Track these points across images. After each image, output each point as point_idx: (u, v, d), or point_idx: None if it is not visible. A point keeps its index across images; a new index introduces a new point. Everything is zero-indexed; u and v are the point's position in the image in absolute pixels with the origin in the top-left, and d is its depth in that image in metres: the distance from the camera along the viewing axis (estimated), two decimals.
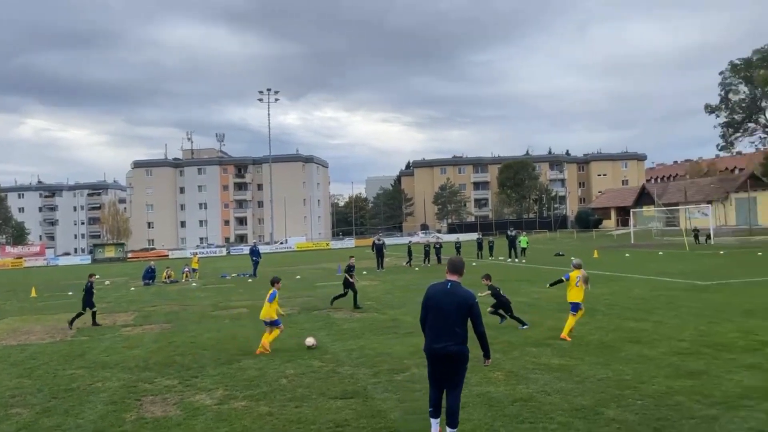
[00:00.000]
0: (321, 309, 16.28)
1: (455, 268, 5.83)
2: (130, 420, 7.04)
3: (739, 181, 63.75)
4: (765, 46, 62.37)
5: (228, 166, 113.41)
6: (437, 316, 5.66)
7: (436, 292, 5.77)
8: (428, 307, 5.77)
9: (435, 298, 5.74)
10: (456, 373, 5.69)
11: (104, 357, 10.94)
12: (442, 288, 5.76)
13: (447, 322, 5.59)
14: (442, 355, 5.63)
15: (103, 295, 22.90)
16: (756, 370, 7.87)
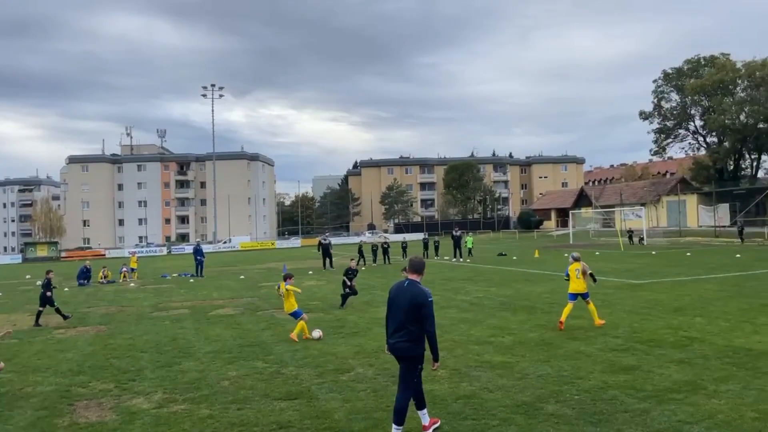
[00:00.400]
0: (265, 309, 16.05)
1: (414, 267, 6.03)
2: (63, 426, 6.74)
3: (670, 184, 66.94)
4: (695, 57, 65.77)
5: (169, 162, 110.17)
6: (393, 312, 5.90)
7: (394, 289, 6.02)
8: (388, 304, 6.03)
9: (392, 295, 5.99)
10: (406, 371, 5.80)
11: (36, 360, 10.42)
12: (399, 286, 5.97)
13: (400, 318, 5.78)
14: (394, 351, 5.85)
15: (34, 296, 21.81)
16: (684, 364, 8.27)
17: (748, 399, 6.62)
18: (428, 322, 5.72)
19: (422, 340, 5.77)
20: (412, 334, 5.72)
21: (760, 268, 22.02)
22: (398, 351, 5.80)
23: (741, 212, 49.16)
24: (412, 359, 5.79)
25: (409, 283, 5.89)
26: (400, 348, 5.76)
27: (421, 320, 5.70)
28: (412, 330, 5.72)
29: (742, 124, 58.75)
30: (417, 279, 5.95)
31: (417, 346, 5.74)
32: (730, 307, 13.00)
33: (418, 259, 6.21)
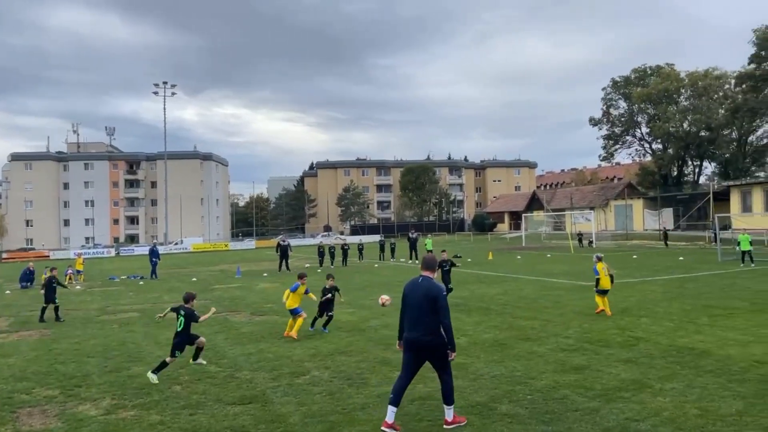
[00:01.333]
0: (219, 312, 15.73)
1: (427, 264, 6.46)
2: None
3: (618, 189, 69.13)
4: (642, 66, 68.21)
5: (118, 161, 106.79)
6: (410, 308, 6.23)
7: (408, 286, 6.40)
8: (403, 300, 6.36)
9: (406, 291, 6.37)
10: (439, 359, 6.20)
11: None
12: (414, 282, 6.37)
13: (417, 313, 6.14)
14: (416, 345, 6.16)
15: None
16: (631, 364, 8.56)
17: (692, 396, 6.90)
18: (443, 313, 6.10)
19: (440, 331, 6.10)
20: (429, 327, 6.07)
21: (701, 270, 22.99)
22: (420, 344, 6.12)
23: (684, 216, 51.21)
24: (437, 349, 6.13)
25: (422, 279, 6.30)
26: (426, 342, 6.09)
27: (436, 313, 6.05)
28: (428, 322, 6.08)
29: (685, 131, 61.23)
30: (430, 275, 6.35)
31: (438, 337, 6.09)
32: (674, 308, 13.53)
33: (430, 257, 6.57)
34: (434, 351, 6.13)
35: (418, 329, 6.10)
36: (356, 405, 7.08)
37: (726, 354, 8.92)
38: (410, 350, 6.20)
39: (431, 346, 6.10)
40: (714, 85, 60.89)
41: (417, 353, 6.18)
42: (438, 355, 6.15)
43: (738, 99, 55.90)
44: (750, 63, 52.62)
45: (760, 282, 18.42)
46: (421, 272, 6.39)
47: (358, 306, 15.92)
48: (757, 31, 50.89)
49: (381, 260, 36.42)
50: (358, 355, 9.80)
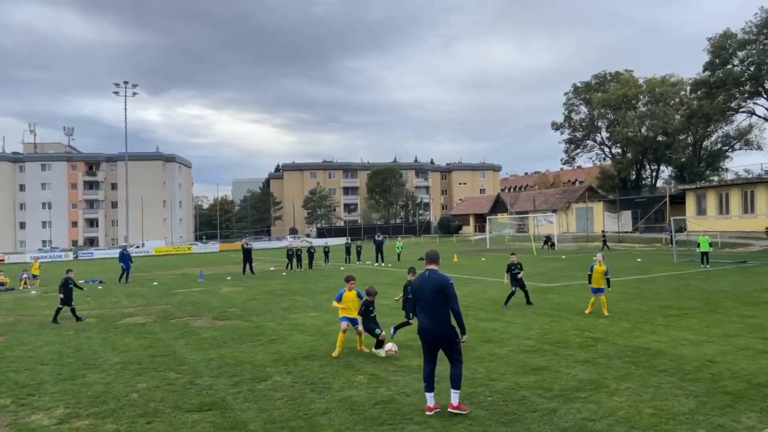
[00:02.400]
0: (179, 317, 15.47)
1: (431, 258, 6.97)
2: None
3: (579, 192, 70.61)
4: (602, 72, 69.83)
5: (77, 162, 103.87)
6: (422, 301, 6.71)
7: (417, 281, 6.91)
8: (414, 295, 6.85)
9: (416, 286, 6.85)
10: (451, 349, 6.68)
11: None
12: (422, 276, 6.85)
13: (429, 305, 6.63)
14: (432, 335, 6.65)
15: None
16: (589, 364, 8.74)
17: (646, 396, 7.08)
18: (452, 300, 6.64)
19: (450, 321, 6.63)
20: (441, 318, 6.60)
21: (657, 271, 23.63)
22: (433, 334, 6.63)
23: (642, 219, 52.58)
24: (448, 338, 6.65)
25: (429, 272, 6.80)
26: (440, 332, 6.61)
27: (446, 302, 6.59)
28: (440, 313, 6.60)
29: (643, 136, 62.91)
30: (435, 267, 6.84)
31: (448, 327, 6.63)
32: (631, 309, 13.87)
33: (433, 251, 7.11)
34: (446, 340, 6.66)
35: (431, 321, 6.60)
36: (318, 410, 7.04)
37: (679, 354, 9.18)
38: (427, 340, 6.74)
39: (443, 336, 6.63)
40: (670, 92, 62.75)
41: (433, 342, 6.70)
42: (449, 343, 6.68)
43: (693, 105, 57.69)
44: (704, 70, 54.36)
45: (712, 283, 19.04)
46: (426, 266, 6.85)
47: (322, 309, 15.84)
48: (712, 39, 52.63)
49: (347, 263, 36.34)
50: (322, 360, 9.76)
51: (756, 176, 50.05)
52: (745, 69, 51.77)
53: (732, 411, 6.42)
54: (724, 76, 52.04)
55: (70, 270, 16.40)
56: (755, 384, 7.38)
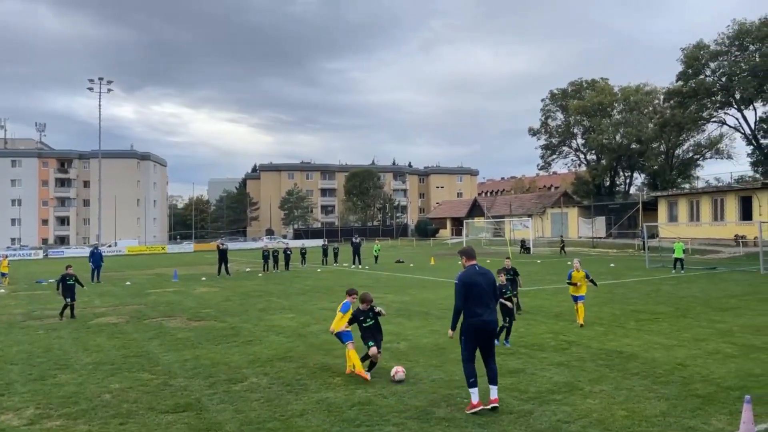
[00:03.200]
0: (153, 317, 15.25)
1: (473, 253, 7.18)
2: None
3: (554, 197, 71.51)
4: (578, 80, 70.89)
5: (49, 159, 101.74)
6: (483, 294, 6.84)
7: (472, 275, 6.90)
8: (469, 289, 6.81)
9: (473, 280, 6.86)
10: (492, 342, 7.05)
11: None
12: (474, 271, 6.94)
13: (486, 299, 6.87)
14: (486, 328, 6.86)
15: None
16: (564, 367, 8.85)
17: (619, 398, 7.20)
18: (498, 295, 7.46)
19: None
20: (494, 310, 6.99)
21: (630, 276, 24.05)
22: (493, 325, 6.95)
23: (615, 225, 53.45)
24: (495, 331, 7.19)
25: (479, 267, 7.01)
26: (493, 324, 6.96)
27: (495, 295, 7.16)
28: (493, 306, 6.98)
29: (618, 143, 64.02)
30: (476, 263, 7.05)
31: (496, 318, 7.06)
32: (604, 313, 14.09)
33: (471, 247, 7.42)
34: (494, 333, 7.12)
35: (491, 313, 6.89)
36: (295, 412, 7.00)
37: (651, 357, 9.35)
38: (482, 334, 6.86)
39: (494, 328, 7.04)
40: (644, 100, 64.00)
41: (489, 334, 6.91)
42: (493, 338, 7.11)
43: (666, 114, 58.91)
44: (678, 80, 55.55)
45: (683, 288, 19.44)
46: (469, 262, 7.02)
47: (299, 311, 15.77)
48: (685, 50, 53.81)
49: (324, 265, 36.23)
50: (298, 361, 9.71)
51: (726, 185, 51.32)
52: (717, 79, 53.04)
53: (702, 413, 6.56)
54: (696, 86, 53.24)
55: (69, 266, 16.05)
56: (724, 387, 7.55)
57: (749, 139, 54.31)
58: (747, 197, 43.51)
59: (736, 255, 34.70)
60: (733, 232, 41.32)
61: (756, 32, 48.99)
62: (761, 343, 10.23)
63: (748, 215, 42.13)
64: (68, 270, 15.79)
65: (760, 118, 52.37)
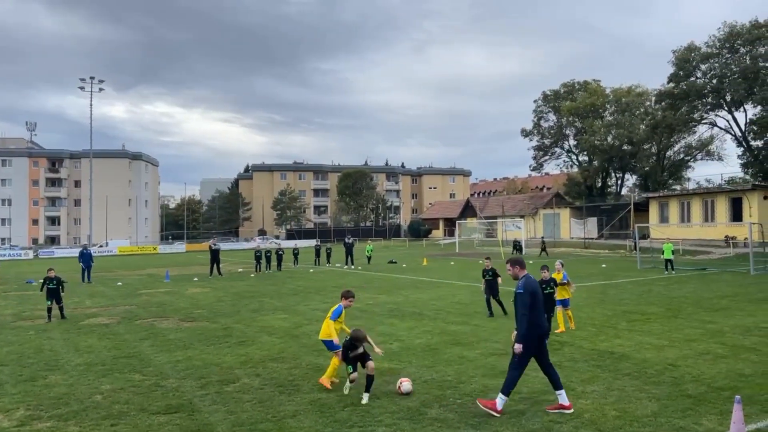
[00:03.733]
0: (144, 318, 15.18)
1: (523, 263, 7.20)
2: None
3: (546, 198, 71.70)
4: (570, 81, 71.11)
5: (39, 158, 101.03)
6: (540, 303, 6.89)
7: (534, 284, 6.90)
8: (535, 298, 6.79)
9: (536, 289, 6.89)
10: (546, 347, 7.07)
11: None
12: (533, 281, 6.95)
13: (543, 307, 7.11)
14: (546, 337, 7.06)
15: None
16: (556, 367, 8.75)
17: (611, 399, 7.23)
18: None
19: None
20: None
21: (621, 277, 24.16)
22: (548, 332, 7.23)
23: (607, 226, 53.68)
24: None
25: (532, 276, 7.04)
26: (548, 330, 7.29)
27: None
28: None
29: (609, 145, 64.26)
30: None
31: None
32: (596, 313, 14.15)
33: (521, 257, 7.79)
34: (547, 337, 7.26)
35: (546, 321, 7.18)
36: (287, 412, 6.99)
37: (643, 357, 9.40)
38: (541, 340, 6.87)
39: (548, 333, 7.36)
40: (636, 102, 64.27)
41: (543, 342, 6.92)
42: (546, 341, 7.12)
43: (657, 116, 59.18)
44: (669, 82, 55.84)
45: (674, 289, 19.56)
46: (523, 272, 7.00)
47: (291, 312, 15.74)
48: (676, 52, 54.12)
49: (317, 265, 36.17)
50: (291, 362, 9.69)
51: (716, 186, 51.61)
52: (708, 81, 53.37)
53: (693, 414, 6.60)
54: (687, 88, 53.55)
55: (50, 269, 15.76)
56: (715, 387, 7.60)
57: (739, 140, 54.70)
58: (737, 198, 43.81)
59: (727, 256, 34.94)
60: (724, 233, 41.60)
61: (746, 35, 49.35)
62: (751, 344, 10.31)
63: (739, 216, 42.42)
64: (49, 273, 15.46)
65: (750, 120, 52.73)
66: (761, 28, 48.79)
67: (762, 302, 15.78)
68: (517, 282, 6.95)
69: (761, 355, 9.46)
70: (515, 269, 7.04)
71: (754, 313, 13.84)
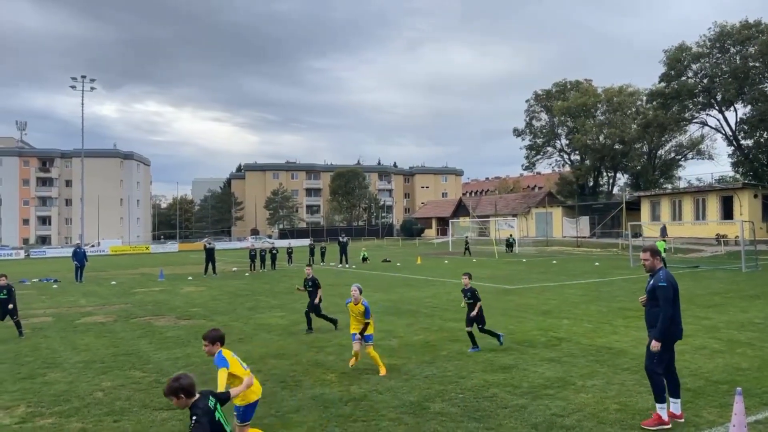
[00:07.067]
0: (140, 317, 15.13)
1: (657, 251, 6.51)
2: None
3: (539, 197, 71.99)
4: (562, 81, 71.43)
5: (30, 158, 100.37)
6: (678, 298, 6.25)
7: (674, 280, 6.22)
8: (676, 294, 6.18)
9: (676, 284, 6.22)
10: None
11: None
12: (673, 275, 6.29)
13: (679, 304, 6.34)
14: (680, 336, 6.31)
15: None
16: (555, 363, 8.94)
17: (611, 392, 7.30)
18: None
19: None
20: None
21: (615, 275, 24.31)
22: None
23: (599, 225, 53.97)
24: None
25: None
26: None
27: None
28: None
29: (601, 144, 64.64)
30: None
31: None
32: (592, 310, 14.24)
33: (656, 246, 6.86)
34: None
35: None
36: (290, 408, 7.01)
37: (640, 352, 9.42)
38: (675, 342, 6.30)
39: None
40: (627, 101, 64.68)
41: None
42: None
43: (649, 115, 59.55)
44: (660, 81, 56.21)
45: None
46: (659, 263, 6.37)
47: (288, 309, 15.74)
48: (668, 51, 54.47)
49: (310, 264, 36.08)
50: (291, 359, 9.70)
51: (707, 185, 52.00)
52: (699, 81, 53.77)
53: (693, 406, 6.67)
54: (678, 87, 53.92)
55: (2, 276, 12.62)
56: (713, 381, 7.69)
57: (730, 140, 55.13)
58: (728, 197, 44.19)
59: (718, 254, 35.23)
60: (715, 231, 41.95)
61: (737, 35, 49.75)
62: (746, 339, 10.42)
63: (729, 215, 42.80)
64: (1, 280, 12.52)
65: (741, 119, 53.16)
66: (751, 29, 49.21)
67: (754, 298, 15.94)
68: (656, 274, 6.24)
69: (756, 349, 9.57)
70: (655, 260, 6.32)
71: (747, 309, 13.98)
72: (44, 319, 15.01)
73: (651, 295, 6.21)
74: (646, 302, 6.37)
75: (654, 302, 6.17)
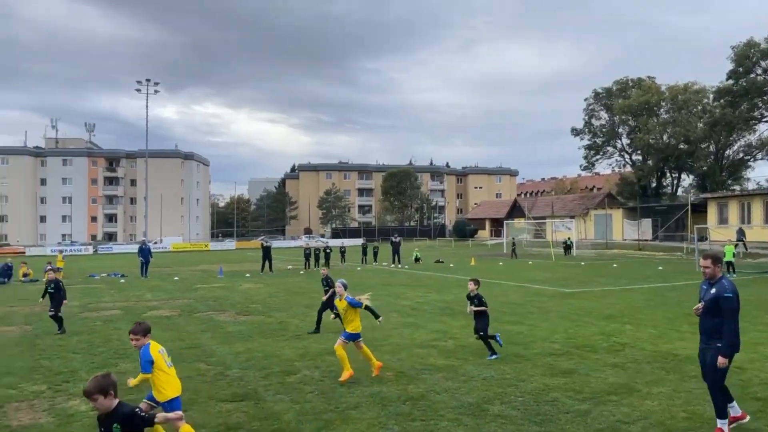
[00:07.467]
0: (203, 311, 15.65)
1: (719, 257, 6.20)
2: None
3: (598, 199, 69.99)
4: (623, 78, 69.23)
5: (98, 158, 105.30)
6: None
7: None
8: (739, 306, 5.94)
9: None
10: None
11: None
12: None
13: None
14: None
15: None
16: (618, 369, 8.70)
17: (679, 401, 7.05)
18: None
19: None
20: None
21: (680, 279, 23.40)
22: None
23: (662, 227, 52.05)
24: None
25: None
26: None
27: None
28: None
29: (665, 144, 62.30)
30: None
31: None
32: (657, 316, 13.76)
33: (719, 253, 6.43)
34: None
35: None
36: (349, 404, 7.10)
37: None
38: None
39: None
40: (693, 99, 62.05)
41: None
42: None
43: (716, 113, 57.03)
44: (728, 79, 53.75)
45: None
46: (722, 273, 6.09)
47: None
48: (735, 47, 52.02)
49: (363, 264, 36.41)
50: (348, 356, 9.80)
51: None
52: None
53: (763, 416, 6.39)
54: (747, 85, 51.45)
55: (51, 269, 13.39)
56: None
57: None
58: None
59: None
60: None
61: None
62: None
63: None
64: (49, 275, 13.35)
65: None
66: None
67: None
68: (719, 283, 5.93)
69: None
70: (716, 268, 5.96)
71: None
72: (114, 312, 15.73)
73: (712, 305, 5.86)
74: (701, 312, 6.03)
75: (715, 313, 5.84)
